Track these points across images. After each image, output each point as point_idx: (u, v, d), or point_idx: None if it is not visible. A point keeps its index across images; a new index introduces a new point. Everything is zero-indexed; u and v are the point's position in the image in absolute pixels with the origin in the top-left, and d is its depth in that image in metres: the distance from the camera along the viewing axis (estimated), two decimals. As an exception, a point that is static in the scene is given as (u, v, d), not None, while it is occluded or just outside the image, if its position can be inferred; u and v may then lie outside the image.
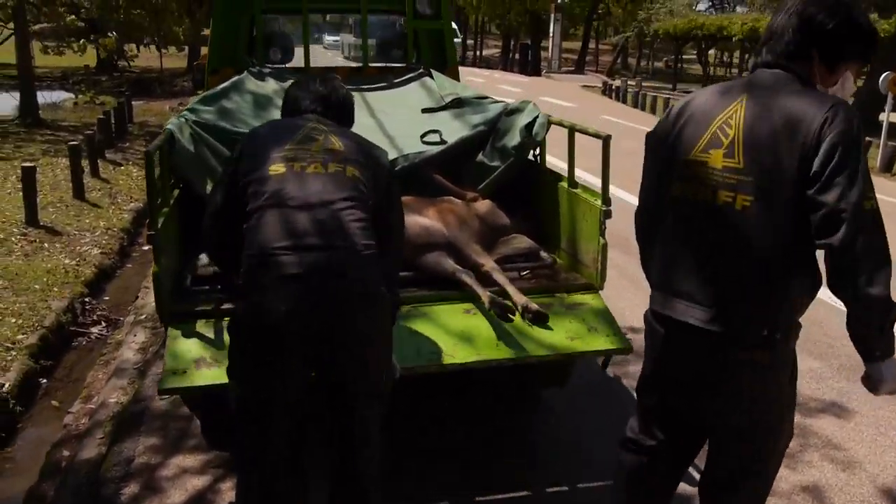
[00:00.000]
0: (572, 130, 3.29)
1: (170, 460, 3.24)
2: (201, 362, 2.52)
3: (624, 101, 22.26)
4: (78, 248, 6.56)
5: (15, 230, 6.66)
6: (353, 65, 5.06)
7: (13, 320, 4.79)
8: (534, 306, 2.89)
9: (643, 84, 25.25)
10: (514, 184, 3.70)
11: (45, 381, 4.42)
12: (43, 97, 16.77)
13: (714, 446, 2.17)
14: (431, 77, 4.59)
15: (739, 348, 1.96)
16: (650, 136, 2.18)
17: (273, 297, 2.02)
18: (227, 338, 2.24)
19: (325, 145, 2.26)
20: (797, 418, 3.59)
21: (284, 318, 2.02)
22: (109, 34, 17.40)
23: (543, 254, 3.40)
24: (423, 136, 3.86)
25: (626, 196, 8.51)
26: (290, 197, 2.12)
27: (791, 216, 1.87)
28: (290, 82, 4.18)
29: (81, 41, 16.45)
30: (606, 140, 2.95)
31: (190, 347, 2.58)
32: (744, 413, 2.04)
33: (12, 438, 3.82)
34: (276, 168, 2.17)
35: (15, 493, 3.32)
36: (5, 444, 3.74)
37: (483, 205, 3.57)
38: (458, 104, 4.17)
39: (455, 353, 2.71)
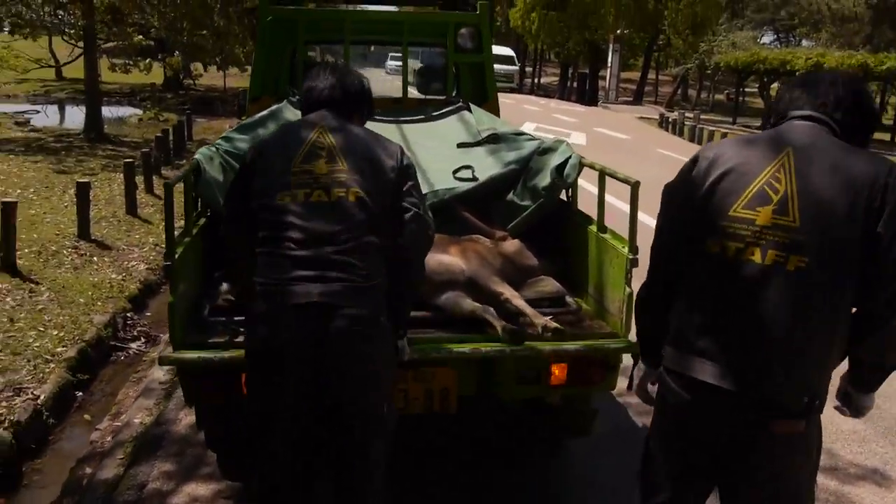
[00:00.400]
0: (602, 174, 3.23)
1: (182, 487, 3.26)
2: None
3: (680, 134, 21.96)
4: (125, 262, 6.72)
5: (67, 243, 6.86)
6: (393, 96, 5.08)
7: (55, 332, 4.91)
8: (552, 325, 2.86)
9: (701, 117, 24.91)
10: (545, 224, 3.65)
11: (80, 394, 4.51)
12: (110, 112, 17.42)
13: None
14: (470, 110, 4.58)
15: (779, 417, 1.87)
16: (673, 190, 2.07)
17: (276, 325, 2.22)
18: None
19: (330, 163, 2.33)
20: (835, 484, 3.47)
21: (286, 344, 2.21)
22: (175, 54, 18.02)
23: (569, 299, 3.33)
24: (455, 171, 3.84)
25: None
26: (296, 232, 2.25)
27: (852, 278, 1.83)
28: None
29: (147, 60, 17.03)
30: (635, 187, 2.88)
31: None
32: (773, 480, 1.95)
33: (43, 451, 3.90)
34: (283, 198, 2.29)
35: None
36: (35, 455, 3.82)
37: (511, 244, 3.52)
38: (494, 140, 4.15)
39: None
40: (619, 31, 32.86)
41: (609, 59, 33.10)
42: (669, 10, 36.81)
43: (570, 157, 3.57)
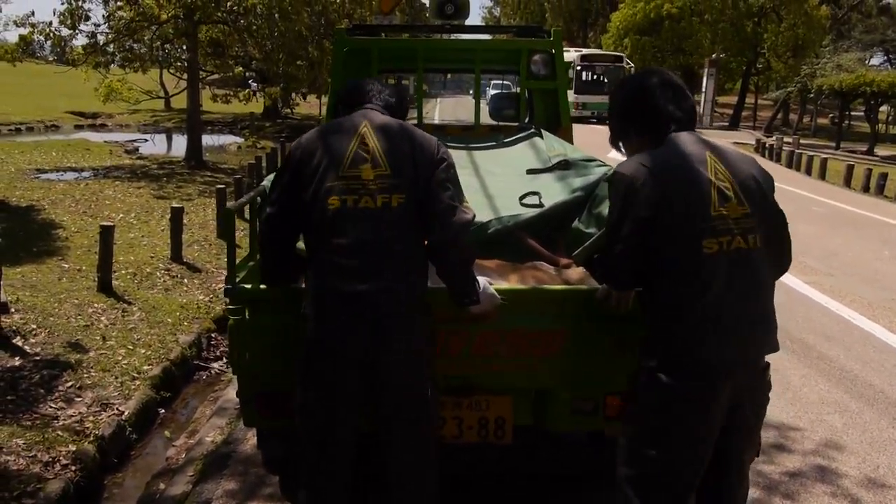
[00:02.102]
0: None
1: (244, 507, 3.34)
2: None
3: (777, 161, 21.14)
4: (213, 284, 6.99)
5: (160, 265, 7.20)
6: (466, 123, 5.13)
7: (143, 351, 5.15)
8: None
9: (802, 142, 23.92)
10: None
11: (162, 411, 4.69)
12: (212, 140, 18.27)
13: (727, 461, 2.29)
14: (541, 137, 4.56)
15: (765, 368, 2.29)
16: (647, 219, 2.20)
17: (328, 325, 2.41)
18: None
19: (375, 168, 2.44)
20: None
21: (337, 342, 2.41)
22: (276, 85, 18.79)
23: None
24: (521, 197, 3.81)
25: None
26: (345, 238, 2.40)
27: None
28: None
29: (247, 90, 17.80)
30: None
31: None
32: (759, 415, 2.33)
33: (124, 465, 4.07)
34: (333, 202, 2.42)
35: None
36: (117, 469, 3.99)
37: (575, 272, 3.46)
38: (564, 166, 4.10)
39: None
40: (714, 55, 32.10)
41: (703, 84, 32.37)
42: (769, 32, 35.78)
43: None
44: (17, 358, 4.69)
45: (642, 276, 2.30)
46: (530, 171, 4.14)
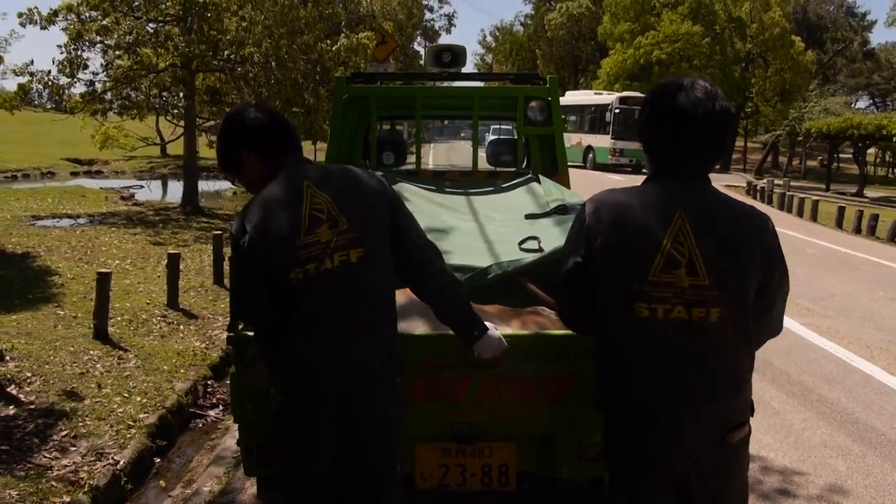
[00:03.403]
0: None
1: (243, 557, 3.27)
2: None
3: (769, 203, 21.34)
4: (209, 331, 6.95)
5: (157, 312, 7.16)
6: (463, 169, 5.18)
7: (139, 399, 5.09)
8: None
9: (792, 184, 24.17)
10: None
11: (158, 460, 4.62)
12: (208, 186, 18.33)
13: None
14: (539, 182, 4.60)
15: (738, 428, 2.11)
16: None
17: (300, 402, 2.37)
18: None
19: (333, 227, 2.34)
20: None
21: (309, 418, 2.36)
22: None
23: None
24: (521, 242, 3.84)
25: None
26: (309, 311, 2.33)
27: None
28: (399, 185, 4.40)
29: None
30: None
31: None
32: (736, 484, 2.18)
33: (122, 514, 3.99)
34: (296, 275, 2.32)
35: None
36: (113, 520, 3.91)
37: (576, 317, 3.47)
38: (562, 210, 4.14)
39: None
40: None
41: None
42: (757, 77, 36.48)
43: None
44: (11, 407, 4.63)
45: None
46: (529, 216, 4.17)
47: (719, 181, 28.38)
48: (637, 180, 2.37)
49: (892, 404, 5.37)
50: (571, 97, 34.74)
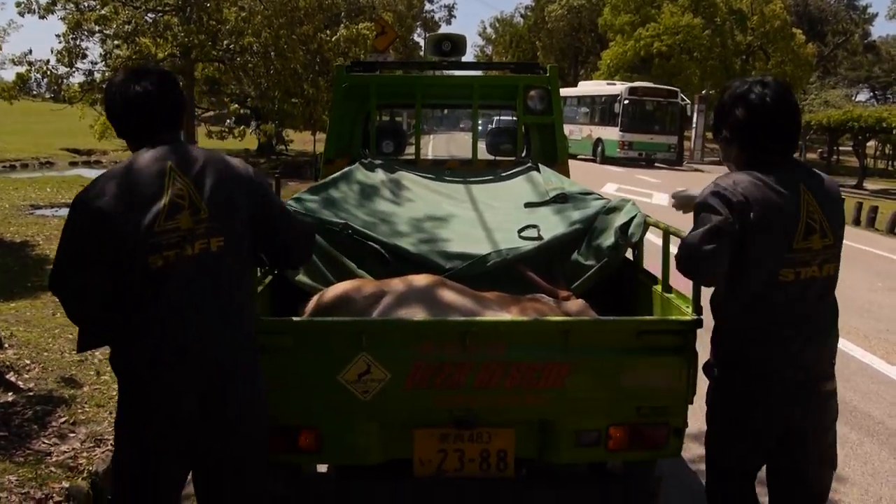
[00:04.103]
0: (667, 233, 3.17)
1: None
2: None
3: (769, 195, 21.29)
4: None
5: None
6: (463, 158, 5.16)
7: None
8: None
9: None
10: (609, 283, 3.59)
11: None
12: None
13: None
14: (539, 171, 4.59)
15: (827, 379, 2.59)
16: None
17: (158, 383, 2.29)
18: None
19: (194, 214, 2.29)
20: None
21: (169, 399, 2.30)
22: (270, 122, 18.94)
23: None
24: (520, 230, 3.84)
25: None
26: (170, 296, 2.26)
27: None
28: (398, 173, 4.39)
29: (242, 127, 17.94)
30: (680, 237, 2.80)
31: None
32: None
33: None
34: (155, 261, 2.25)
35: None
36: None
37: (575, 304, 3.46)
38: (561, 199, 4.14)
39: None
40: (704, 92, 32.52)
41: (694, 120, 32.70)
42: (757, 69, 36.39)
43: (634, 216, 3.52)
44: (10, 394, 4.64)
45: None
46: (528, 205, 4.17)
47: (719, 172, 28.27)
48: (636, 173, 2.42)
49: (889, 393, 5.38)
50: (583, 87, 34.50)
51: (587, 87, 34.00)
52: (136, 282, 2.26)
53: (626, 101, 28.69)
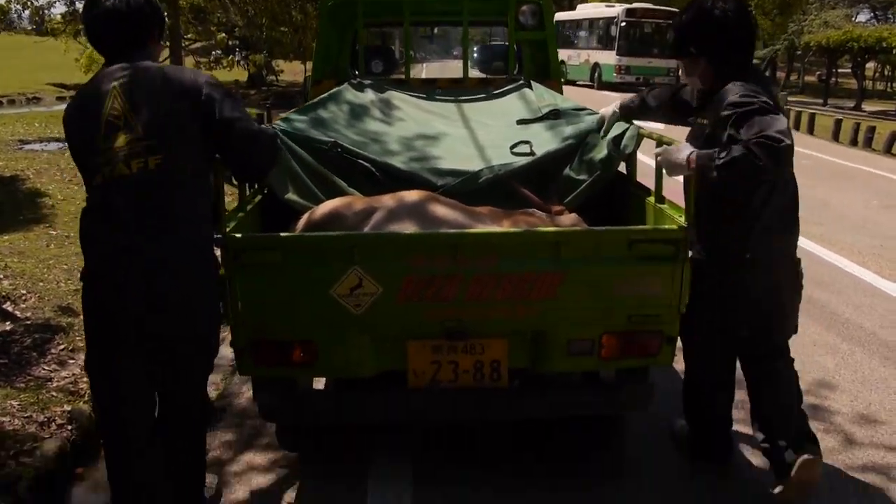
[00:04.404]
0: (660, 143, 3.12)
1: (240, 457, 3.35)
2: None
3: (766, 117, 21.08)
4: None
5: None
6: (454, 77, 5.06)
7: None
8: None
9: (789, 99, 23.86)
10: (603, 197, 3.57)
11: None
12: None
13: None
14: (531, 88, 4.51)
15: None
16: None
17: (103, 283, 2.40)
18: None
19: (127, 134, 2.35)
20: None
21: (113, 300, 2.40)
22: (259, 52, 18.54)
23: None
24: (513, 147, 3.79)
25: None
26: (111, 211, 2.37)
27: None
28: (388, 93, 4.31)
29: (230, 57, 17.57)
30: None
31: None
32: None
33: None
34: (97, 179, 2.38)
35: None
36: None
37: (567, 219, 3.44)
38: (554, 115, 4.07)
39: None
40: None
41: (692, 42, 31.98)
42: (756, -11, 35.48)
43: (627, 128, 3.47)
44: (7, 323, 4.66)
45: None
46: (521, 122, 4.11)
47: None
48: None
49: (882, 306, 5.43)
50: (582, 10, 33.67)
51: (585, 10, 33.18)
52: (89, 190, 2.44)
53: (623, 24, 27.88)
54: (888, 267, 6.40)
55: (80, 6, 14.33)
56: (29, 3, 13.78)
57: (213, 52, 17.07)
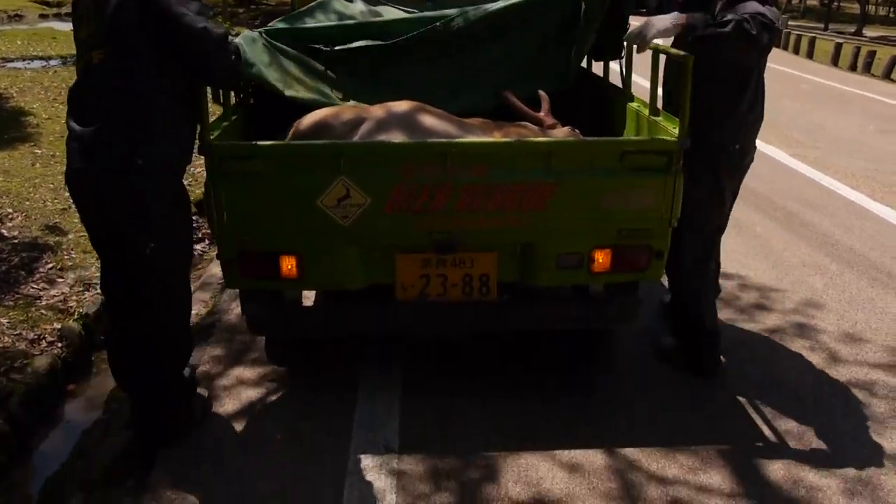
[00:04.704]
0: (656, 52, 3.04)
1: (230, 371, 3.36)
2: None
3: (766, 41, 20.73)
4: (191, 168, 6.83)
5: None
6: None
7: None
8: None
9: (789, 23, 23.39)
10: (600, 111, 3.50)
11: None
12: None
13: None
14: None
15: None
16: None
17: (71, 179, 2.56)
18: None
19: (87, 25, 2.47)
20: None
21: (79, 194, 2.59)
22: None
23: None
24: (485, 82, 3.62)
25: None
26: (74, 104, 2.53)
27: None
28: (381, 6, 4.15)
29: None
30: (686, 62, 2.69)
31: None
32: None
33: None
34: (81, 67, 2.54)
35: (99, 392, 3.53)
36: (103, 346, 3.97)
37: (561, 131, 3.38)
38: None
39: None
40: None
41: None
42: None
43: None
44: (-6, 241, 4.62)
45: None
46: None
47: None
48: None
49: (872, 227, 5.42)
50: None
51: None
52: None
53: None
54: (880, 190, 6.37)
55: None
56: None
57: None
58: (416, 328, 3.08)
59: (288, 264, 2.76)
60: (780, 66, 14.78)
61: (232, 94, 3.20)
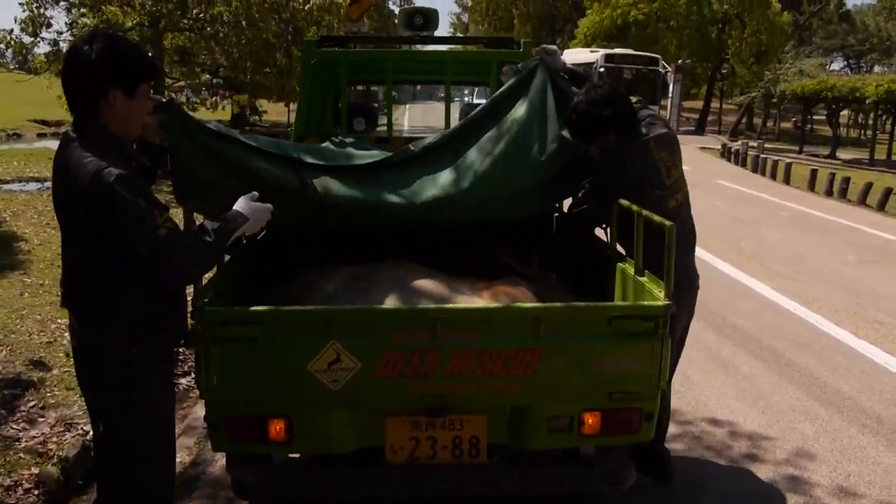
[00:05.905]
0: (639, 215, 3.14)
1: (213, 531, 3.26)
2: None
3: (743, 165, 21.45)
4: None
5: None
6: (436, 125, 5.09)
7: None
8: None
9: (766, 146, 24.30)
10: (584, 265, 3.57)
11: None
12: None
13: None
14: None
15: None
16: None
17: None
18: None
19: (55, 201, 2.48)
20: None
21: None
22: (243, 93, 18.57)
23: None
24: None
25: (725, 268, 8.15)
26: None
27: None
28: (368, 151, 4.30)
29: (214, 98, 17.59)
30: (670, 231, 2.78)
31: None
32: None
33: (89, 487, 3.92)
34: None
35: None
36: (82, 492, 3.86)
37: (549, 288, 3.45)
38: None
39: None
40: (680, 61, 32.44)
41: (670, 89, 32.63)
42: (733, 38, 36.39)
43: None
44: (-25, 378, 4.55)
45: None
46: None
47: (695, 142, 28.51)
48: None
49: (858, 368, 5.45)
50: (566, 55, 34.09)
51: (568, 56, 33.75)
52: None
53: (602, 69, 28.42)
54: (864, 327, 6.45)
55: (63, 46, 14.33)
56: (13, 42, 13.71)
57: (203, 91, 17.08)
58: (406, 490, 3.02)
59: (276, 427, 2.73)
60: (759, 193, 15.27)
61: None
